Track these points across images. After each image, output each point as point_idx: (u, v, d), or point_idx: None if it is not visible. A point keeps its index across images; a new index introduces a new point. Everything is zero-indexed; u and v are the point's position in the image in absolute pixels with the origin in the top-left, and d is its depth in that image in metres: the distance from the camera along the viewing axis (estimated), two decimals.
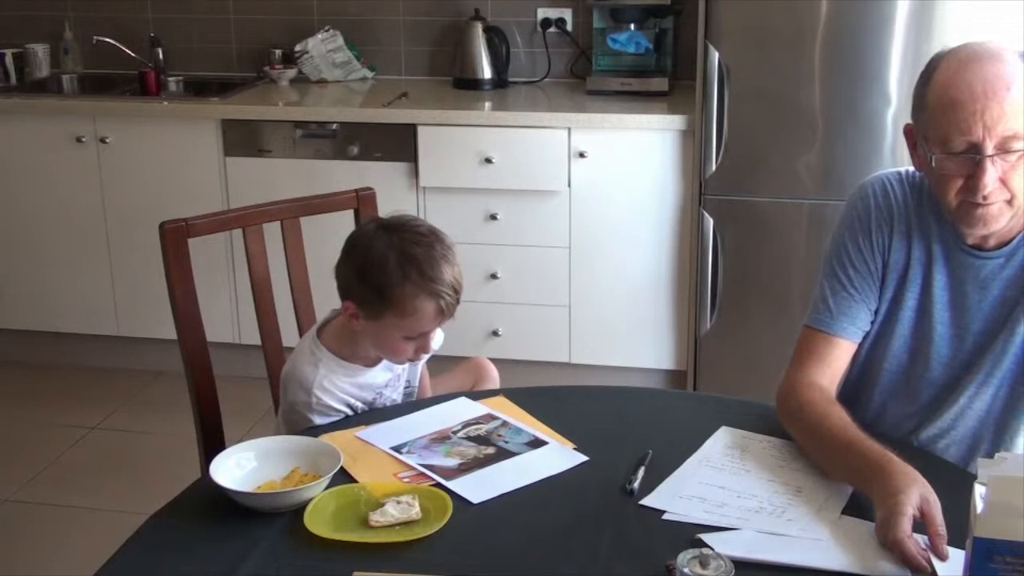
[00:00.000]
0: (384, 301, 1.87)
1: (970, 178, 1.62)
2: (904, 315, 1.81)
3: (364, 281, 1.89)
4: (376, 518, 1.52)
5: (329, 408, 1.95)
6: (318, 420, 1.94)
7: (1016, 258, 1.72)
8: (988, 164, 1.59)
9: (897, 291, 1.81)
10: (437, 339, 2.04)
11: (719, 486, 1.62)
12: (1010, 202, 1.64)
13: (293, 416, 1.97)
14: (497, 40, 3.97)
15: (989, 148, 1.59)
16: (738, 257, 3.43)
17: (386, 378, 2.04)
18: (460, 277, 1.92)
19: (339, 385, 1.95)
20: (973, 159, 1.61)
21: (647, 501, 1.59)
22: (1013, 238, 1.72)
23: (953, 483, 1.62)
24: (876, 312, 1.82)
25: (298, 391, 1.95)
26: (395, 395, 2.08)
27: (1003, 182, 1.62)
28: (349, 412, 1.97)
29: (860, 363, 1.88)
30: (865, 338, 1.84)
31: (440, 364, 2.36)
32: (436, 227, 1.97)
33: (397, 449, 1.75)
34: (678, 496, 1.60)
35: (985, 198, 1.62)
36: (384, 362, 2.02)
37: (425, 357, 2.08)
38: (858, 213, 1.83)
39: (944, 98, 1.62)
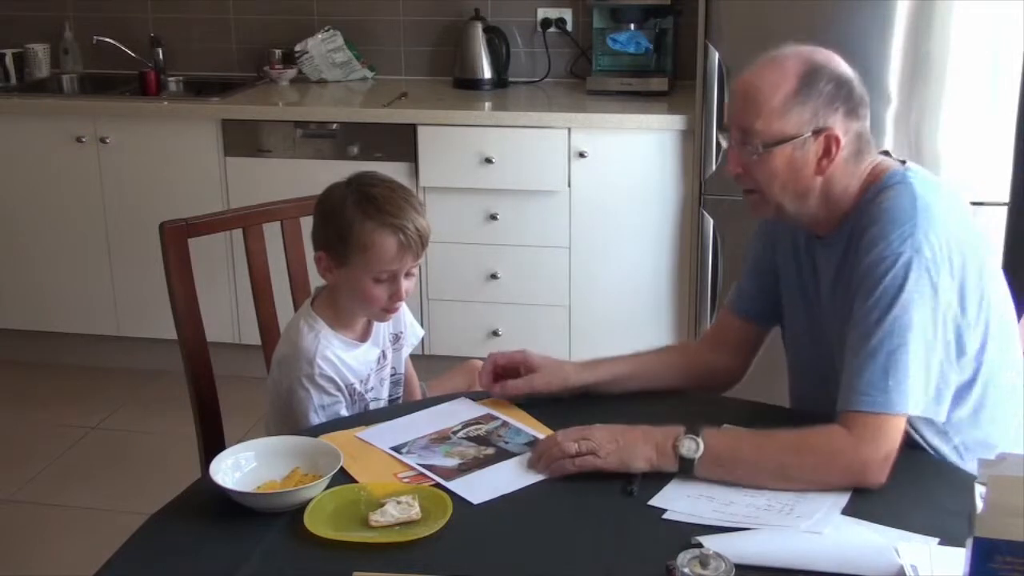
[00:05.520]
0: (345, 240, 1.91)
1: None
2: (787, 304, 1.93)
3: (327, 225, 1.95)
4: (376, 518, 1.52)
5: (329, 382, 1.96)
6: (316, 398, 1.95)
7: (839, 242, 1.77)
8: (730, 151, 1.76)
9: (780, 283, 1.93)
10: (416, 330, 2.11)
11: (726, 485, 1.62)
12: (763, 196, 1.75)
13: (292, 400, 1.98)
14: (497, 40, 3.97)
15: (733, 135, 1.74)
16: (738, 257, 3.42)
17: (375, 354, 2.05)
18: (425, 223, 1.95)
19: (338, 355, 1.98)
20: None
21: (654, 500, 1.59)
22: (839, 226, 1.77)
23: (953, 483, 1.63)
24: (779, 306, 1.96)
25: (301, 364, 1.96)
26: (381, 377, 2.09)
27: (748, 172, 1.73)
28: (343, 398, 1.98)
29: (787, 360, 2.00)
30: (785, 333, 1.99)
31: (439, 365, 2.37)
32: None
33: (397, 449, 1.75)
34: (686, 495, 1.60)
35: (737, 180, 1.76)
36: (372, 338, 2.05)
37: (408, 348, 2.13)
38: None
39: None
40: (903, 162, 1.78)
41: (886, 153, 1.83)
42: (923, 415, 1.65)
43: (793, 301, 1.91)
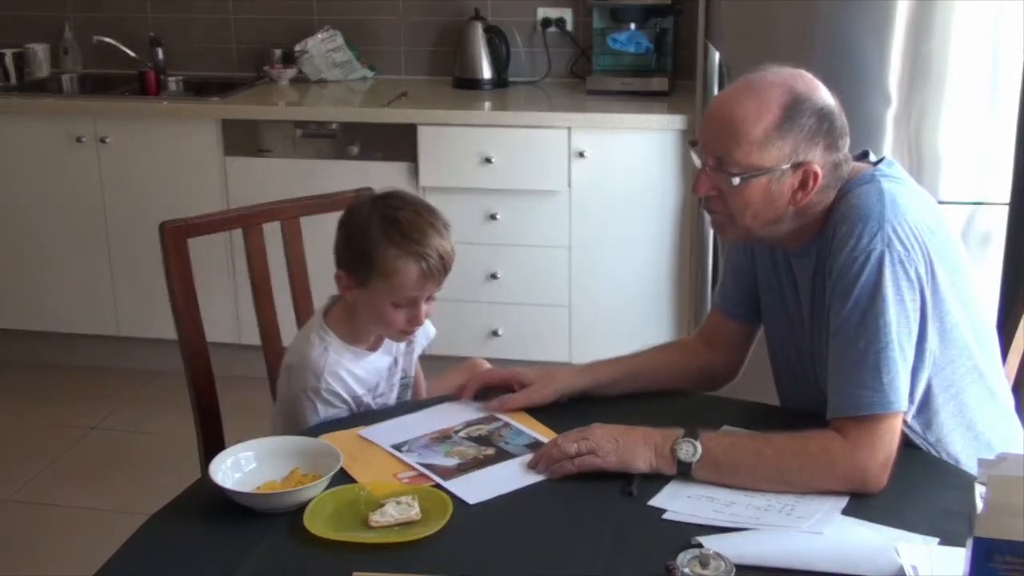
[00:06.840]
0: (368, 264, 1.89)
1: None
2: (767, 312, 1.92)
3: (350, 246, 1.93)
4: (376, 518, 1.52)
5: (335, 396, 1.95)
6: (321, 410, 1.95)
7: (812, 251, 1.75)
8: (701, 173, 1.73)
9: (759, 290, 1.92)
10: (428, 331, 2.09)
11: (726, 485, 1.62)
12: (732, 218, 1.72)
13: (296, 407, 1.97)
14: (497, 40, 3.97)
15: (707, 160, 1.71)
16: None
17: (387, 362, 2.05)
18: (450, 247, 1.94)
19: (348, 369, 1.97)
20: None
21: (655, 501, 1.59)
22: (812, 239, 1.76)
23: (953, 483, 1.63)
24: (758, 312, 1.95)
25: (308, 377, 1.95)
26: (392, 383, 2.08)
27: (722, 196, 1.71)
28: (348, 408, 1.97)
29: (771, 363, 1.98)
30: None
31: (438, 364, 2.36)
32: (431, 204, 1.99)
33: (397, 447, 1.76)
34: (686, 495, 1.60)
35: (705, 202, 1.75)
36: (384, 346, 2.04)
37: (419, 348, 2.11)
38: None
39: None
40: (880, 161, 1.77)
41: (865, 154, 1.82)
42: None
43: (774, 309, 1.89)
